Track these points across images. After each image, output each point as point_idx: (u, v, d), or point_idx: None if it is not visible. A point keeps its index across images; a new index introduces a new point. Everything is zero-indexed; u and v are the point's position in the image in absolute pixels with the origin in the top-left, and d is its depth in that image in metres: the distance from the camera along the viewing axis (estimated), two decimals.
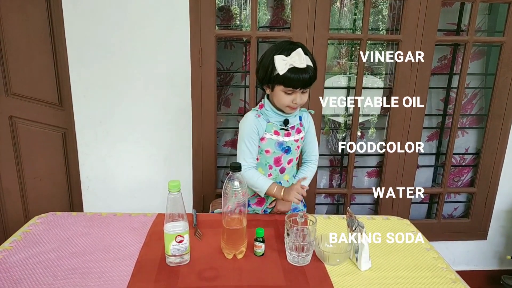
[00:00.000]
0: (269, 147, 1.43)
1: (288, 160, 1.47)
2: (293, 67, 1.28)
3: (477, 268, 2.41)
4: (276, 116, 1.42)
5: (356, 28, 2.31)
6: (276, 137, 1.42)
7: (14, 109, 2.08)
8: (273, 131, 1.42)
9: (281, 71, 1.28)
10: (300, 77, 1.29)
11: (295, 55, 1.28)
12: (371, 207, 2.42)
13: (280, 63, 1.28)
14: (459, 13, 2.20)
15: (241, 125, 1.44)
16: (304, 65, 1.28)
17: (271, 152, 1.43)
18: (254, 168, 1.44)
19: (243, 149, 1.41)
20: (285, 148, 1.44)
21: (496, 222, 2.32)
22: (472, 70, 2.25)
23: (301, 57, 1.28)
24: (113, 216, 1.45)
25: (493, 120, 2.14)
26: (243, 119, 1.44)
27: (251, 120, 1.40)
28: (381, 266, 1.17)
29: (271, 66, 1.31)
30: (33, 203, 2.23)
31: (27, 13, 1.94)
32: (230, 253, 1.18)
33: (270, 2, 2.21)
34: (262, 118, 1.41)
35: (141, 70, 1.91)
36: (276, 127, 1.42)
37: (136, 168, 2.04)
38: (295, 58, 1.28)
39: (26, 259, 1.15)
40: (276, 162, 1.46)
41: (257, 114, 1.42)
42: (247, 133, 1.40)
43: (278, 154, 1.44)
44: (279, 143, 1.43)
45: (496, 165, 2.21)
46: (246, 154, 1.41)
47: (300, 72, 1.29)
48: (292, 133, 1.45)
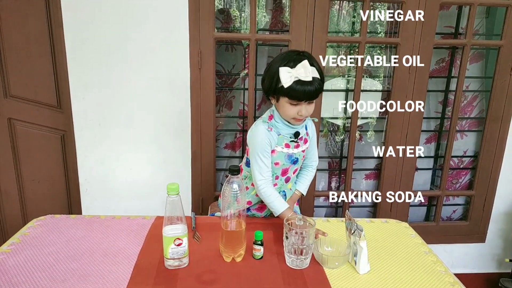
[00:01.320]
0: (279, 159, 1.40)
1: (294, 170, 1.47)
2: (298, 80, 1.25)
3: (476, 271, 2.41)
4: (286, 129, 1.39)
5: (354, 30, 2.32)
6: (286, 149, 1.39)
7: (13, 111, 2.08)
8: (284, 144, 1.39)
9: (285, 83, 1.25)
10: (305, 90, 1.25)
11: (301, 67, 1.25)
12: (369, 209, 2.42)
13: (285, 76, 1.25)
14: (457, 16, 2.21)
15: (252, 139, 1.39)
16: (309, 78, 1.24)
17: (280, 164, 1.41)
18: (271, 182, 1.39)
19: (258, 164, 1.36)
20: (294, 159, 1.43)
21: (495, 225, 2.32)
22: (472, 73, 2.25)
23: (306, 69, 1.24)
24: (112, 219, 1.45)
25: (491, 123, 2.15)
26: (253, 131, 1.39)
27: (263, 134, 1.35)
28: (379, 270, 1.17)
29: (276, 78, 1.27)
30: (32, 205, 2.22)
31: (26, 15, 1.94)
32: (229, 256, 1.18)
33: (269, 4, 2.21)
34: (273, 131, 1.37)
35: (140, 72, 1.91)
36: (286, 140, 1.39)
37: (134, 170, 2.04)
38: (300, 70, 1.24)
39: (25, 262, 1.15)
40: (283, 173, 1.45)
41: (268, 127, 1.37)
42: (260, 147, 1.35)
43: (287, 166, 1.43)
44: (289, 155, 1.41)
45: (495, 168, 2.22)
46: (262, 168, 1.36)
47: (305, 85, 1.25)
48: (300, 144, 1.43)
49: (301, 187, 1.53)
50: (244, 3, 2.23)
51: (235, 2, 2.25)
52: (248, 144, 1.43)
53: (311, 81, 1.25)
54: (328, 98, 2.16)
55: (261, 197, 1.40)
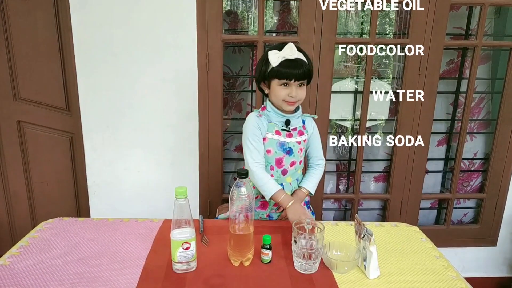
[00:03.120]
0: (270, 147, 1.44)
1: (290, 162, 1.47)
2: (286, 59, 1.34)
3: (487, 275, 2.37)
4: (278, 117, 1.44)
5: (363, 31, 2.30)
6: (277, 137, 1.44)
7: (22, 113, 2.09)
8: (274, 131, 1.44)
9: (274, 63, 1.34)
10: (293, 68, 1.34)
11: (287, 48, 1.34)
12: (378, 212, 2.39)
13: (273, 57, 1.35)
14: (468, 17, 2.18)
15: (244, 127, 1.46)
16: (295, 57, 1.34)
17: (272, 152, 1.44)
18: (263, 166, 1.43)
19: (249, 147, 1.42)
20: (287, 149, 1.45)
21: (506, 228, 2.29)
22: (478, 74, 2.22)
23: (292, 49, 1.34)
24: (120, 222, 1.45)
25: (503, 124, 2.11)
26: (245, 120, 1.47)
27: (253, 119, 1.43)
28: (390, 275, 1.15)
29: (265, 61, 1.38)
30: (40, 207, 2.24)
31: (35, 18, 1.95)
32: (237, 260, 1.17)
33: (277, 6, 2.21)
34: (263, 118, 1.44)
35: (148, 75, 1.91)
36: (277, 127, 1.44)
37: (142, 172, 2.05)
38: (286, 51, 1.34)
39: (33, 265, 1.15)
40: (277, 163, 1.46)
41: (259, 114, 1.45)
42: (250, 131, 1.42)
43: (279, 155, 1.45)
44: (280, 143, 1.44)
45: (506, 170, 2.18)
46: (253, 152, 1.42)
47: (293, 63, 1.34)
48: (294, 134, 1.46)
49: (308, 184, 1.52)
50: (251, 4, 2.23)
51: (242, 4, 2.24)
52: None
53: (298, 61, 1.35)
54: (336, 100, 2.14)
55: (253, 181, 1.42)
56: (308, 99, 1.95)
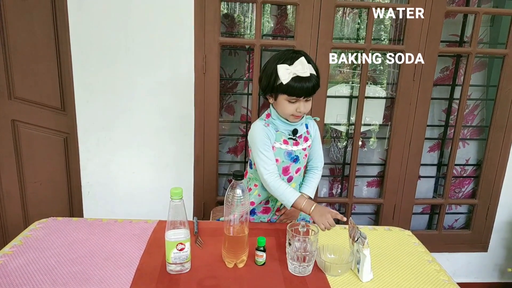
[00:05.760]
0: (278, 156, 1.41)
1: (296, 169, 1.46)
2: (296, 76, 1.28)
3: (478, 281, 2.39)
4: (284, 125, 1.41)
5: (359, 37, 2.32)
6: (285, 146, 1.41)
7: (17, 112, 2.08)
8: (282, 140, 1.40)
9: (284, 80, 1.28)
10: (303, 86, 1.28)
11: (298, 64, 1.28)
12: (371, 216, 2.41)
13: (284, 72, 1.28)
14: (462, 24, 2.21)
15: (252, 137, 1.41)
16: (307, 74, 1.28)
17: (280, 161, 1.42)
18: (277, 175, 1.39)
19: (261, 158, 1.37)
20: (294, 157, 1.43)
21: (497, 234, 2.31)
22: (474, 82, 2.25)
23: (304, 66, 1.28)
24: (114, 222, 1.44)
25: (495, 131, 2.14)
26: (252, 130, 1.41)
27: (261, 129, 1.38)
28: (382, 278, 1.16)
29: (274, 75, 1.30)
30: (33, 207, 2.22)
31: (32, 17, 1.95)
32: (231, 261, 1.17)
33: (274, 10, 2.22)
34: (270, 127, 1.40)
35: (145, 76, 1.91)
36: (285, 136, 1.41)
37: (137, 174, 2.04)
38: (298, 67, 1.27)
39: (26, 265, 1.15)
40: (284, 171, 1.44)
41: (266, 123, 1.40)
42: (260, 141, 1.37)
43: (287, 164, 1.43)
44: (288, 153, 1.42)
45: (498, 177, 2.21)
46: (266, 162, 1.37)
47: (303, 81, 1.28)
48: (300, 142, 1.44)
49: (308, 190, 1.52)
50: (248, 8, 2.24)
51: (239, 7, 2.25)
52: (250, 145, 1.44)
53: (308, 77, 1.28)
54: (331, 105, 2.16)
55: (271, 192, 1.39)
56: None
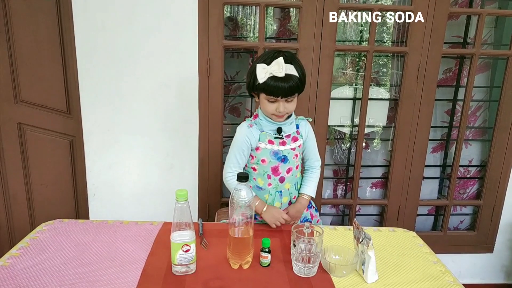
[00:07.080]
0: (264, 156, 1.44)
1: (286, 169, 1.47)
2: (273, 76, 1.30)
3: (484, 282, 2.38)
4: (270, 125, 1.43)
5: (362, 39, 2.33)
6: (270, 146, 1.43)
7: (23, 116, 2.10)
8: (267, 140, 1.43)
9: (261, 79, 1.32)
10: (279, 86, 1.30)
11: (275, 63, 1.30)
12: (376, 218, 2.41)
13: (261, 72, 1.31)
14: (466, 25, 2.21)
15: (235, 135, 1.48)
16: (282, 74, 1.29)
17: (267, 161, 1.44)
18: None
19: (231, 158, 1.47)
20: (281, 157, 1.44)
21: (503, 235, 2.30)
22: (477, 83, 2.25)
23: (280, 66, 1.29)
24: (120, 224, 1.45)
25: (500, 132, 2.14)
26: (237, 130, 1.47)
27: (243, 132, 1.44)
28: (387, 279, 1.16)
29: (254, 74, 1.34)
30: (40, 209, 2.24)
31: (38, 21, 1.97)
32: (236, 263, 1.18)
33: (277, 13, 2.23)
34: (254, 128, 1.43)
35: (149, 79, 1.93)
36: (270, 136, 1.43)
37: (142, 176, 2.05)
38: (274, 67, 1.30)
39: (33, 266, 1.16)
40: (274, 172, 1.46)
41: (250, 124, 1.44)
42: (238, 144, 1.44)
43: (275, 164, 1.45)
44: (274, 152, 1.43)
45: (503, 178, 2.20)
46: (233, 163, 1.46)
47: (279, 81, 1.30)
48: (287, 141, 1.45)
49: (307, 189, 1.53)
50: (251, 11, 2.25)
51: (242, 10, 2.27)
52: None
53: (286, 78, 1.30)
54: (335, 107, 2.16)
55: (227, 186, 1.49)
56: (307, 105, 1.97)
